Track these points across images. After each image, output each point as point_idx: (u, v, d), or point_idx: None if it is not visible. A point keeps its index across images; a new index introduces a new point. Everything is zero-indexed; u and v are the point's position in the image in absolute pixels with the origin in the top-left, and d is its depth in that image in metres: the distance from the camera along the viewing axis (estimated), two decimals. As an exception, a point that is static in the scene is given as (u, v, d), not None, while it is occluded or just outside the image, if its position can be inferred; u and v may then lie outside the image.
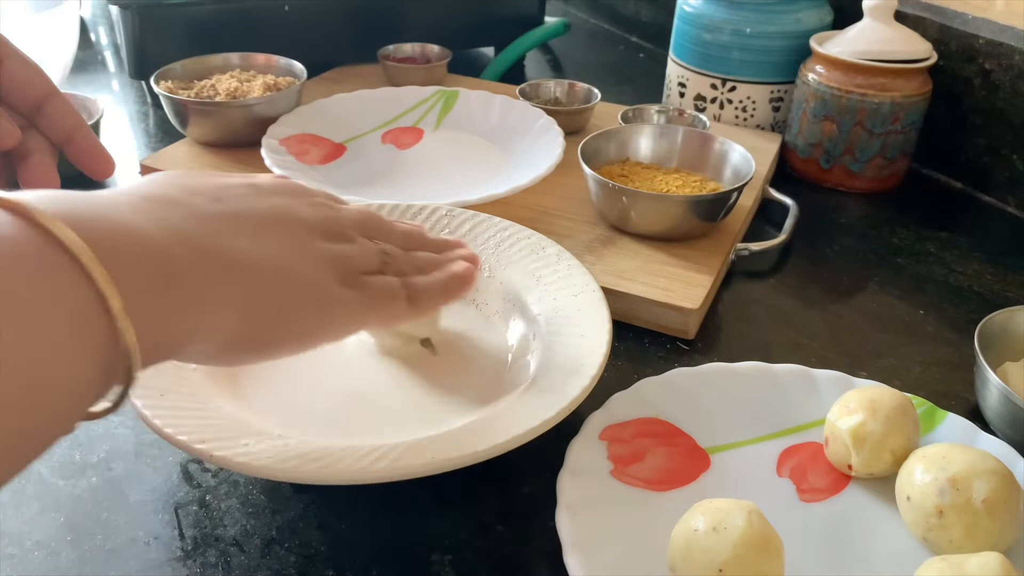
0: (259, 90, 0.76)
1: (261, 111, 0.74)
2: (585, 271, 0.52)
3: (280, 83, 0.78)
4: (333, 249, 0.37)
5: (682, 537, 0.36)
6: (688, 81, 0.85)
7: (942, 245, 0.69)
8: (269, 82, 0.78)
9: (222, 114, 0.73)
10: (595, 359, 0.44)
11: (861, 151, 0.75)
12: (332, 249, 0.37)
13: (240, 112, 0.73)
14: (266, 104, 0.74)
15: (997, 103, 0.74)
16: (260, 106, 0.74)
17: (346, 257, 0.38)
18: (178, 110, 0.73)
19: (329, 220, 0.38)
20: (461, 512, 0.43)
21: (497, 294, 0.54)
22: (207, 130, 0.74)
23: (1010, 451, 0.43)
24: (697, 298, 0.56)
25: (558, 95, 0.86)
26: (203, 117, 0.73)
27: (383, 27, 0.95)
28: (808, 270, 0.66)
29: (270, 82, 0.78)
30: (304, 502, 0.43)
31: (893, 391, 0.44)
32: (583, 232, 0.64)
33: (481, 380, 0.49)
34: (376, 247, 0.40)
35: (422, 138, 0.78)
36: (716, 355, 0.55)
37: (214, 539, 0.41)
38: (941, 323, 0.59)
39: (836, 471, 0.44)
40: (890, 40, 0.73)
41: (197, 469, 0.45)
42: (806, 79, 0.76)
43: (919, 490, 0.39)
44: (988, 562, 0.35)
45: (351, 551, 0.40)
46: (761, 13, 0.79)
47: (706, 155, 0.69)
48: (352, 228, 0.40)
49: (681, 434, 0.46)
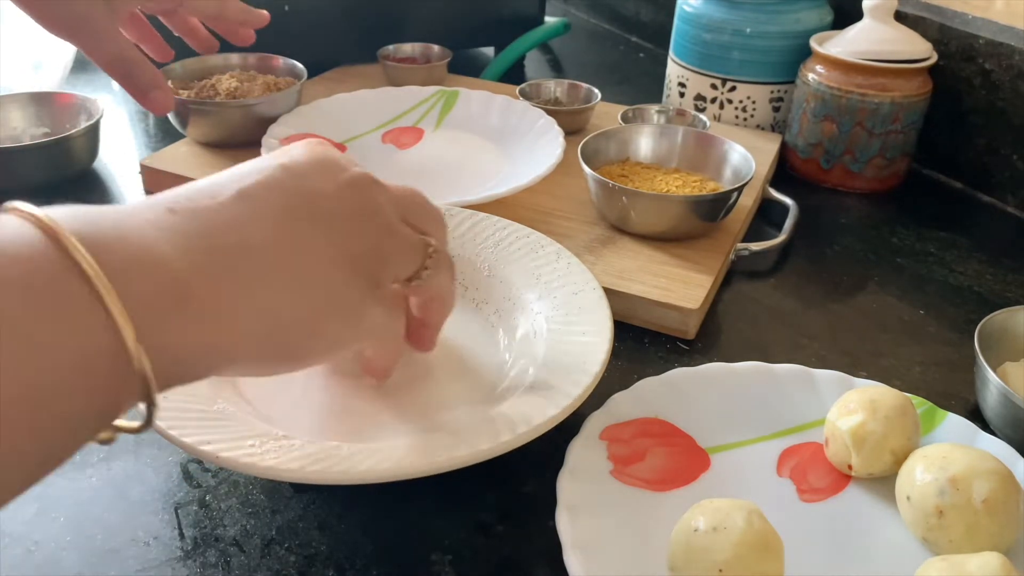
0: (259, 90, 0.76)
1: (261, 111, 0.74)
2: (585, 269, 0.52)
3: (280, 83, 0.78)
4: (368, 249, 0.34)
5: (682, 537, 0.36)
6: (688, 81, 0.85)
7: (942, 245, 0.69)
8: (269, 82, 0.78)
9: (222, 114, 0.73)
10: (597, 357, 0.44)
11: (861, 151, 0.75)
12: (367, 249, 0.34)
13: (240, 112, 0.73)
14: (266, 104, 0.74)
15: (997, 103, 0.74)
16: (260, 106, 0.74)
17: (382, 260, 0.35)
18: (178, 110, 0.73)
19: (367, 211, 0.34)
20: (461, 512, 0.43)
21: (497, 293, 0.54)
22: (207, 130, 0.74)
23: (1010, 451, 0.43)
24: (697, 298, 0.56)
25: (558, 95, 0.86)
26: (203, 117, 0.73)
27: (383, 27, 0.95)
28: (808, 270, 0.66)
29: (270, 82, 0.78)
30: (304, 502, 0.43)
31: (893, 391, 0.44)
32: (583, 232, 0.64)
33: (482, 380, 0.49)
34: (420, 241, 0.37)
35: (422, 138, 0.78)
36: (716, 355, 0.55)
37: (214, 539, 0.41)
38: (941, 323, 0.59)
39: (836, 471, 0.44)
40: (890, 40, 0.73)
41: (197, 469, 0.45)
42: (806, 79, 0.76)
43: (919, 490, 0.39)
44: (988, 562, 0.35)
45: (351, 551, 0.40)
46: (761, 13, 0.79)
47: (706, 155, 0.69)
48: (394, 214, 0.36)
49: (681, 434, 0.46)
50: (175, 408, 0.40)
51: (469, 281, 0.55)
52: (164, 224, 0.28)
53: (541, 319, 0.50)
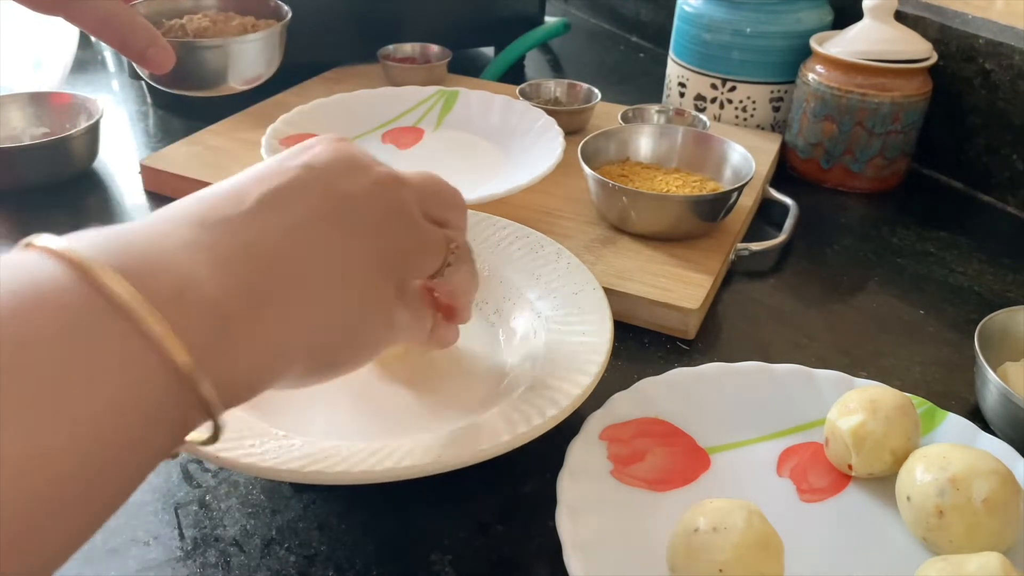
0: (234, 32, 0.65)
1: (233, 53, 0.63)
2: (585, 269, 0.52)
3: (260, 25, 0.67)
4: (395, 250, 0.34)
5: (682, 537, 0.36)
6: (688, 81, 0.85)
7: (942, 245, 0.69)
8: (247, 23, 0.67)
9: (186, 57, 0.60)
10: (597, 357, 0.44)
11: (861, 151, 0.75)
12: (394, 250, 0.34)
13: (209, 55, 0.62)
14: (237, 46, 0.62)
15: (997, 103, 0.74)
16: (231, 47, 0.62)
17: (407, 261, 0.35)
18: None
19: (393, 211, 0.34)
20: (461, 512, 0.43)
21: (497, 293, 0.54)
22: (171, 77, 0.61)
23: (1010, 451, 0.43)
24: (697, 298, 0.56)
25: (558, 95, 0.86)
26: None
27: (383, 27, 0.95)
28: (808, 270, 0.66)
29: (248, 23, 0.67)
30: (304, 502, 0.43)
31: (893, 391, 0.44)
32: (583, 232, 0.64)
33: (482, 380, 0.49)
34: (443, 237, 0.37)
35: (422, 138, 0.78)
36: (716, 355, 0.55)
37: (214, 539, 0.41)
38: (941, 323, 0.59)
39: (836, 471, 0.44)
40: (890, 40, 0.73)
41: (197, 469, 0.45)
42: (806, 79, 0.76)
43: (919, 490, 0.39)
44: (988, 562, 0.35)
45: (351, 551, 0.40)
46: (761, 13, 0.79)
47: (706, 155, 0.69)
48: (417, 212, 0.35)
49: (681, 434, 0.46)
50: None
51: (469, 281, 0.55)
52: (198, 243, 0.27)
53: (541, 319, 0.50)
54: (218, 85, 0.64)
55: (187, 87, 0.64)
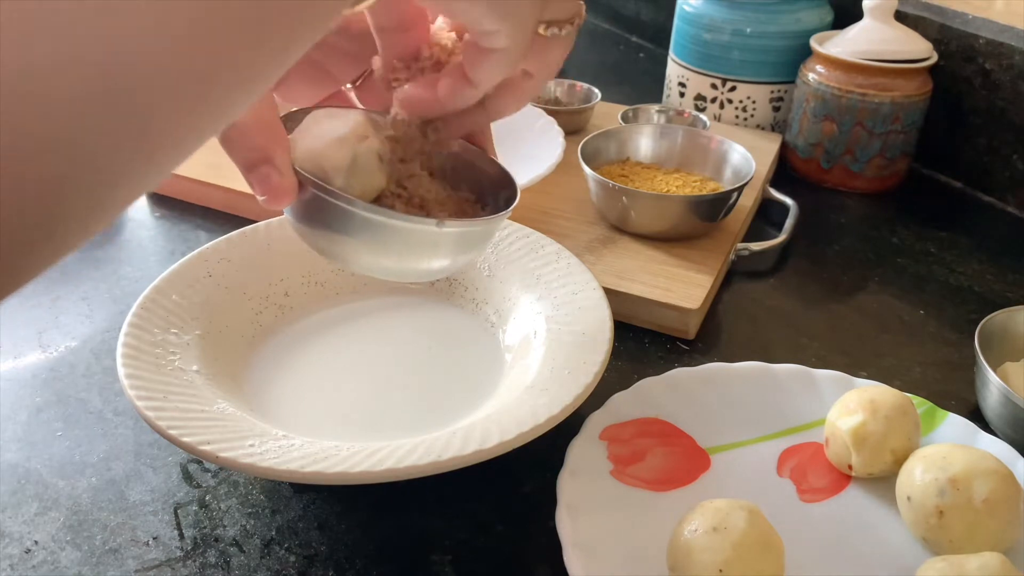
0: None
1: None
2: (585, 269, 0.52)
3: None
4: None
5: (682, 537, 0.36)
6: (688, 81, 0.85)
7: (942, 245, 0.69)
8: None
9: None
10: (597, 357, 0.44)
11: (861, 151, 0.75)
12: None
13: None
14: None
15: (997, 103, 0.74)
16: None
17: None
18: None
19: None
20: (461, 512, 0.43)
21: (497, 293, 0.54)
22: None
23: (1010, 451, 0.43)
24: (697, 298, 0.56)
25: (558, 95, 0.86)
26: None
27: (383, 27, 0.95)
28: (808, 270, 0.66)
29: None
30: (304, 502, 0.43)
31: (893, 391, 0.44)
32: (583, 232, 0.64)
33: (482, 380, 0.49)
34: (582, 5, 0.37)
35: (422, 138, 0.78)
36: (716, 355, 0.55)
37: (214, 539, 0.41)
38: (941, 323, 0.59)
39: (836, 471, 0.44)
40: (890, 40, 0.73)
41: (197, 469, 0.45)
42: (806, 79, 0.76)
43: (919, 490, 0.39)
44: (988, 562, 0.35)
45: (351, 551, 0.40)
46: (761, 13, 0.79)
47: (706, 155, 0.69)
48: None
49: (681, 434, 0.46)
50: (175, 408, 0.40)
51: (469, 281, 0.55)
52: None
53: (541, 319, 0.50)
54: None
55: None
